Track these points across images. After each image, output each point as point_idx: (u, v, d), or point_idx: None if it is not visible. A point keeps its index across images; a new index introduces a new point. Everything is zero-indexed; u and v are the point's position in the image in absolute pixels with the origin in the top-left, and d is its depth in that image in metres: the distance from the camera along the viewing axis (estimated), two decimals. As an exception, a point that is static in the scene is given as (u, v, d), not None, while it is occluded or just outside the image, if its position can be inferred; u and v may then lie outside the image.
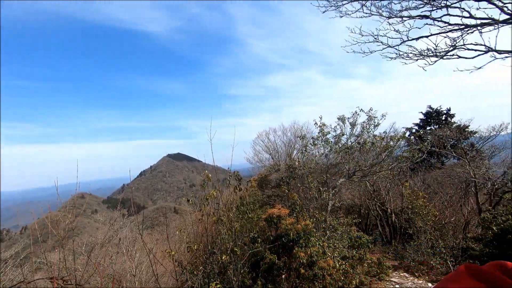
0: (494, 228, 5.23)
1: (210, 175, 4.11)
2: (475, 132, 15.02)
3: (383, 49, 4.19)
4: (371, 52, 4.32)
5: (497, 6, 3.16)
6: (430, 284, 7.60)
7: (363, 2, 3.69)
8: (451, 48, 3.41)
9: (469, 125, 17.43)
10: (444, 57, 3.43)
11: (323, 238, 5.77)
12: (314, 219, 6.21)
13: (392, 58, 3.86)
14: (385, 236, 12.29)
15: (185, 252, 5.39)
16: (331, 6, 3.89)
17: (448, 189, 12.87)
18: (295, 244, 4.31)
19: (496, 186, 10.56)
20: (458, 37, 3.34)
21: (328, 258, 4.70)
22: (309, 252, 4.39)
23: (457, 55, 3.38)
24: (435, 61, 3.60)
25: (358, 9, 3.77)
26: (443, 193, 12.50)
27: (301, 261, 4.15)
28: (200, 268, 3.69)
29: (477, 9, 3.56)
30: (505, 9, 3.11)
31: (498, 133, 11.74)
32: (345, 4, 3.77)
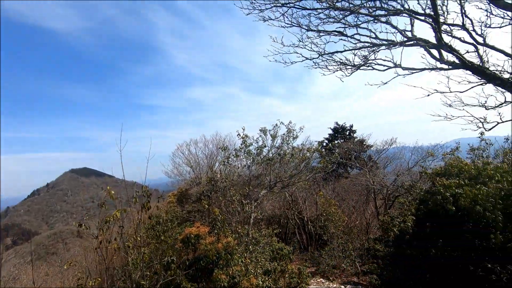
0: (395, 229, 5.88)
1: (113, 192, 3.37)
2: (372, 146, 17.56)
3: (303, 60, 4.30)
4: (291, 63, 4.39)
5: (398, 30, 3.57)
6: (342, 287, 8.12)
7: (284, 10, 3.71)
8: (363, 62, 3.70)
9: (367, 140, 20.20)
10: (361, 68, 3.69)
11: (245, 254, 5.49)
12: (237, 234, 5.89)
13: (313, 65, 3.98)
14: (302, 243, 12.87)
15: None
16: (255, 9, 3.81)
17: (353, 196, 14.43)
18: (215, 266, 3.88)
19: (389, 192, 12.31)
20: (369, 53, 3.66)
21: (251, 275, 4.41)
22: (231, 273, 4.02)
23: (371, 66, 3.69)
24: (352, 72, 3.86)
25: (278, 18, 3.78)
26: (350, 200, 13.94)
27: (222, 284, 3.74)
28: (93, 312, 2.89)
29: (380, 32, 3.98)
30: (404, 32, 3.54)
31: (389, 146, 13.90)
32: (268, 8, 3.74)
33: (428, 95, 3.72)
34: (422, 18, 3.39)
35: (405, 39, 3.52)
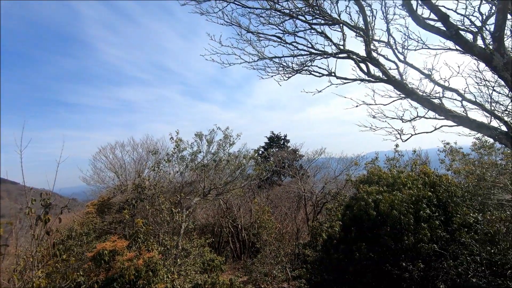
0: (323, 234, 6.12)
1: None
2: (303, 155, 18.65)
3: (241, 63, 4.17)
4: (230, 64, 4.22)
5: (332, 43, 3.74)
6: (274, 294, 8.14)
7: (223, 5, 3.53)
8: (300, 68, 3.76)
9: (299, 149, 21.32)
10: (299, 72, 3.74)
11: (173, 268, 4.99)
12: (164, 247, 5.34)
13: (252, 67, 3.88)
14: (235, 252, 12.66)
15: None
16: (192, 0, 3.53)
17: (286, 203, 14.90)
18: (133, 287, 3.35)
19: (318, 199, 13.07)
20: (307, 61, 3.74)
21: (178, 293, 3.98)
22: (153, 292, 3.53)
23: (308, 71, 3.77)
24: (289, 77, 3.89)
25: (217, 12, 3.58)
26: (282, 207, 14.33)
27: (141, 307, 3.24)
28: None
29: (316, 43, 4.12)
30: (337, 45, 3.72)
31: (319, 156, 14.86)
32: (206, 0, 3.50)
33: (357, 106, 3.99)
34: (355, 30, 3.63)
35: (338, 50, 3.72)
